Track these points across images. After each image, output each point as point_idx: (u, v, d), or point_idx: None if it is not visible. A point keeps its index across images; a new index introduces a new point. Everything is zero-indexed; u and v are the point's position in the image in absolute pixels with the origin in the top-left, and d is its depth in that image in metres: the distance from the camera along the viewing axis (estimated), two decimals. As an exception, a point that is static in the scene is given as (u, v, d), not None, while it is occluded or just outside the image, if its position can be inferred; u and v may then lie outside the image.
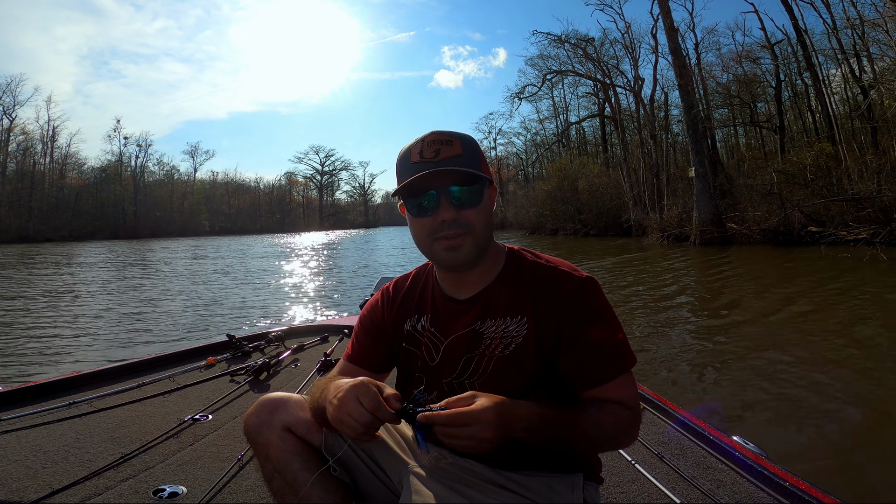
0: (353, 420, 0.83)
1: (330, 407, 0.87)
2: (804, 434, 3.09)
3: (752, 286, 9.17)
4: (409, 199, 0.98)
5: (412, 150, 0.97)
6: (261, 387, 2.55)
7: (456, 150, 0.95)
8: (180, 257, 22.99)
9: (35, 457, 1.76)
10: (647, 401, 2.16)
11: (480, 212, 0.97)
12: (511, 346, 0.97)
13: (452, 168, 0.93)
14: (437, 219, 0.95)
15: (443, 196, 0.94)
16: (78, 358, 5.37)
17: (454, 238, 0.95)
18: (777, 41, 25.86)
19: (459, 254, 0.96)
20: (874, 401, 3.58)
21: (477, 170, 0.96)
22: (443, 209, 0.94)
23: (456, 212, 0.95)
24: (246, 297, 9.84)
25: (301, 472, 0.98)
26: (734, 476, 1.59)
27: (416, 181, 0.93)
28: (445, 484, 0.94)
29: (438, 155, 0.94)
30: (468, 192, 0.95)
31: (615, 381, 0.94)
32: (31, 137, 58.67)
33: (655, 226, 22.48)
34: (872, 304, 6.99)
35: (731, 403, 3.57)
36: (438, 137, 0.96)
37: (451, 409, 0.77)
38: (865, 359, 4.52)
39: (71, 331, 6.74)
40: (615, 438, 0.95)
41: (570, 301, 0.95)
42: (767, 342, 5.12)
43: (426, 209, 0.96)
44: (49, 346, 5.94)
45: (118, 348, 5.77)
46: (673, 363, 4.60)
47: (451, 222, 0.94)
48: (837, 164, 17.48)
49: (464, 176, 0.94)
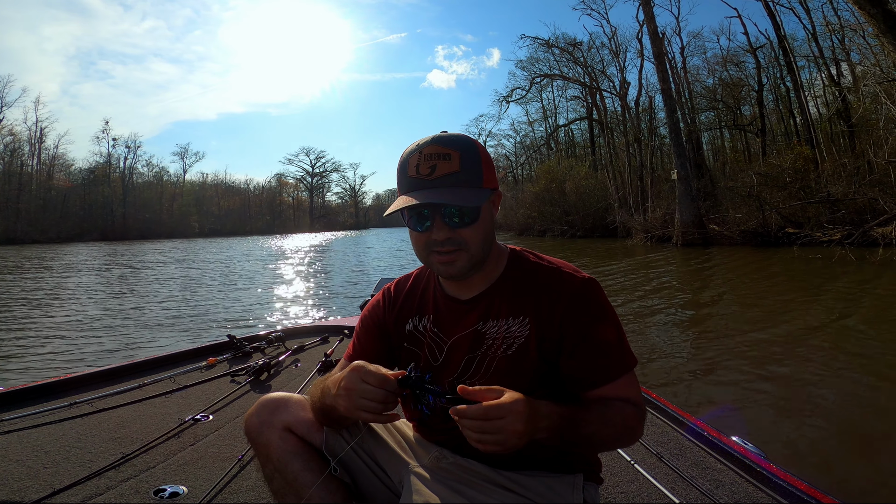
0: (368, 401, 0.83)
1: (340, 400, 0.88)
2: (803, 434, 3.07)
3: (734, 286, 9.39)
4: (406, 213, 0.97)
5: (410, 161, 0.95)
6: (261, 387, 2.55)
7: (453, 167, 0.92)
8: (173, 259, 22.65)
9: (36, 457, 1.76)
10: (645, 401, 2.21)
11: (477, 229, 0.95)
12: (513, 346, 0.97)
13: (442, 202, 0.91)
14: (431, 236, 0.95)
15: (437, 215, 0.93)
16: (78, 358, 5.33)
17: (448, 254, 0.95)
18: (760, 45, 26.43)
19: (454, 268, 0.96)
20: (872, 400, 3.60)
21: (476, 185, 0.94)
22: (436, 228, 0.94)
23: (450, 231, 0.94)
24: (245, 299, 9.78)
25: (302, 473, 0.98)
26: (733, 476, 1.59)
27: (411, 197, 0.93)
28: (446, 484, 0.94)
29: (434, 172, 0.92)
30: (463, 212, 0.93)
31: (620, 380, 0.94)
32: (19, 139, 57.50)
33: (640, 227, 22.74)
34: (850, 302, 7.19)
35: (729, 403, 3.54)
36: (436, 150, 0.93)
37: (484, 403, 0.77)
38: (863, 357, 4.55)
39: (70, 332, 6.66)
40: (625, 435, 0.95)
41: (573, 302, 0.95)
42: (762, 342, 5.11)
43: (421, 225, 0.96)
44: (48, 347, 5.87)
45: (118, 349, 5.72)
46: (667, 364, 4.59)
47: (444, 241, 0.94)
48: (815, 166, 17.97)
49: (458, 198, 0.92)
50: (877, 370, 4.22)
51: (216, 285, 12.16)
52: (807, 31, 22.53)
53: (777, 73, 26.40)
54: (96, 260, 22.27)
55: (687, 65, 29.47)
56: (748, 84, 27.75)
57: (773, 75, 26.86)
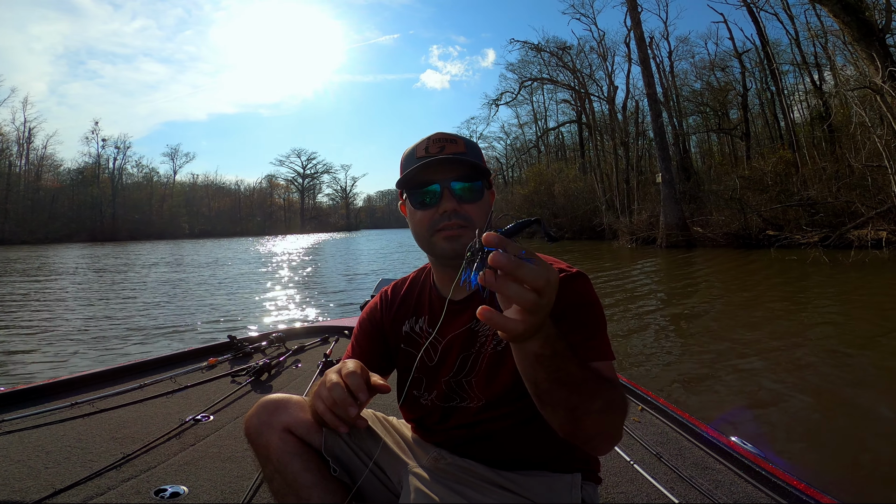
0: (328, 395, 0.81)
1: (313, 397, 0.91)
2: (802, 434, 3.07)
3: (718, 286, 9.54)
4: (413, 191, 1.01)
5: (418, 147, 1.03)
6: (262, 387, 2.55)
7: (460, 148, 1.01)
8: (165, 260, 22.40)
9: (38, 457, 1.76)
10: (645, 401, 2.16)
11: (480, 208, 1.00)
12: (502, 342, 0.96)
13: (457, 158, 0.98)
14: (438, 210, 0.98)
15: (446, 189, 0.98)
16: (80, 358, 5.27)
17: (454, 229, 0.97)
18: (745, 50, 26.94)
19: (458, 243, 0.96)
20: (869, 400, 3.59)
21: (480, 168, 1.00)
22: (445, 201, 0.97)
23: (457, 204, 0.98)
24: (243, 301, 9.73)
25: (302, 473, 0.98)
26: (732, 476, 1.59)
27: (420, 173, 0.98)
28: (445, 484, 0.94)
29: (443, 151, 1.00)
30: (470, 189, 0.99)
31: (607, 363, 0.90)
32: (7, 139, 56.77)
33: (626, 229, 22.82)
34: (832, 303, 7.33)
35: (728, 404, 3.53)
36: (444, 136, 1.02)
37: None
38: (860, 358, 4.54)
39: (67, 333, 6.57)
40: (611, 412, 0.80)
41: (563, 292, 0.82)
42: (750, 342, 5.11)
43: (428, 203, 0.99)
44: (47, 348, 5.78)
45: (118, 349, 5.68)
46: (656, 364, 4.59)
47: (451, 213, 0.97)
48: (796, 170, 18.37)
49: (466, 171, 0.99)
50: (868, 370, 4.24)
51: (212, 287, 12.07)
52: (790, 36, 23.12)
53: (762, 77, 26.90)
54: (91, 262, 21.93)
55: (675, 68, 30.07)
56: (734, 88, 28.23)
57: (759, 79, 27.37)
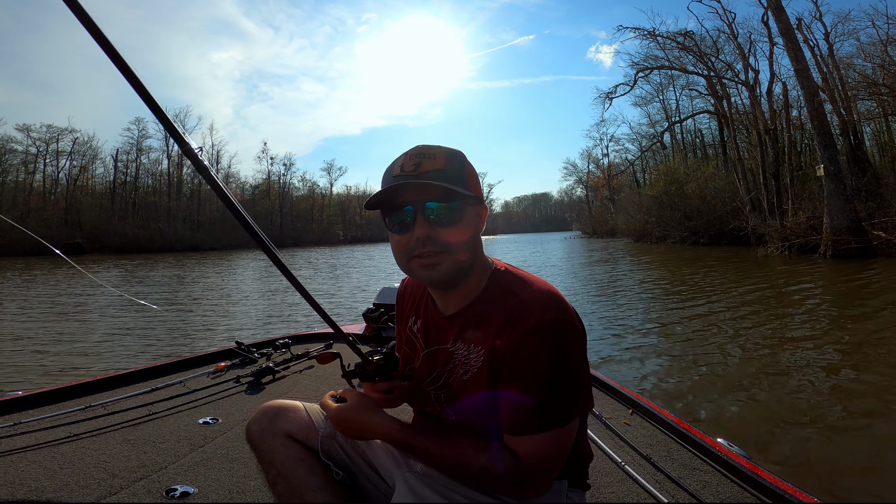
0: None
1: None
2: (786, 437, 3.04)
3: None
4: (388, 214, 0.92)
5: (395, 163, 0.91)
6: (267, 392, 2.58)
7: (438, 164, 0.87)
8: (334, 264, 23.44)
9: (53, 457, 1.77)
10: (635, 405, 2.16)
11: (460, 230, 0.88)
12: (468, 373, 0.93)
13: (427, 182, 0.85)
14: (412, 236, 0.88)
15: (419, 212, 0.87)
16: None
17: (429, 257, 0.88)
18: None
19: (436, 273, 0.88)
20: (862, 402, 3.50)
21: (461, 186, 0.88)
22: (418, 226, 0.87)
23: (430, 228, 0.87)
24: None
25: (306, 478, 0.97)
26: (719, 477, 1.60)
27: (391, 195, 0.88)
28: (434, 488, 0.93)
29: (419, 168, 0.87)
30: (446, 210, 0.87)
31: (518, 438, 0.86)
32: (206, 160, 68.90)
33: (776, 234, 18.28)
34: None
35: (720, 406, 3.54)
36: (422, 150, 0.89)
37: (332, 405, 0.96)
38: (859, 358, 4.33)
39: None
40: (482, 482, 0.91)
41: (522, 344, 0.84)
42: (744, 350, 4.99)
43: (403, 226, 0.89)
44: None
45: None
46: (659, 370, 4.52)
47: (424, 239, 0.87)
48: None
49: (441, 192, 0.85)
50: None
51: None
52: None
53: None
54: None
55: (834, 52, 23.81)
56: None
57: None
